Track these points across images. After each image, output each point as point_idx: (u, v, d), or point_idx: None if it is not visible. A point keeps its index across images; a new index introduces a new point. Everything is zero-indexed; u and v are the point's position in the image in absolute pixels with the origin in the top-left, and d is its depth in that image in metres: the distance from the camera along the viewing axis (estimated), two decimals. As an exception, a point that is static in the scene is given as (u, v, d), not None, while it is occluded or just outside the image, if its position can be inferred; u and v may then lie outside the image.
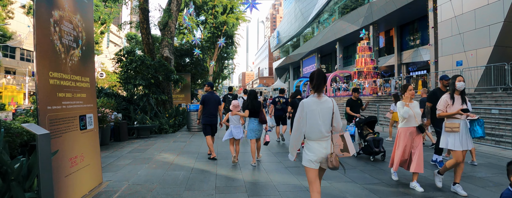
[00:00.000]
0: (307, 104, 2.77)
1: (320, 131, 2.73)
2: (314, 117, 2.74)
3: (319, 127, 2.73)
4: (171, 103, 13.22)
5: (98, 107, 7.88)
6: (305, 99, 2.83)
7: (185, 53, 23.11)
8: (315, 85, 2.79)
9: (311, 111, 2.75)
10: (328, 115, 2.75)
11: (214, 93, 6.52)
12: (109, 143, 8.30)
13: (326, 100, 2.78)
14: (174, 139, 8.85)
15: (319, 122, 2.73)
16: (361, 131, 6.54)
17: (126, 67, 10.30)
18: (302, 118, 2.78)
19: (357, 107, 7.30)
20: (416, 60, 24.25)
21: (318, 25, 40.13)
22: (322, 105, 2.76)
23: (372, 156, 6.21)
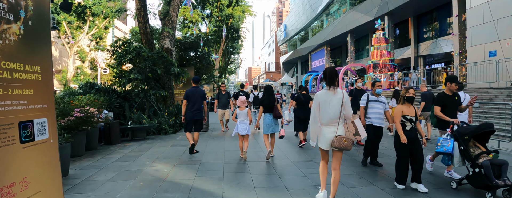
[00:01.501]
0: (320, 96, 3.34)
1: (330, 118, 3.29)
2: (325, 106, 3.30)
3: (328, 114, 3.29)
4: (172, 100, 11.98)
5: (82, 105, 6.67)
6: (319, 91, 3.40)
7: (189, 47, 21.90)
8: (328, 81, 3.33)
9: (323, 101, 3.32)
10: (338, 104, 3.27)
11: (198, 88, 6.42)
12: (97, 147, 7.11)
13: (338, 92, 3.30)
14: (173, 142, 7.60)
15: (328, 110, 3.29)
16: (465, 148, 4.00)
17: (119, 59, 9.06)
18: (316, 107, 3.35)
19: (453, 106, 4.69)
20: (435, 52, 22.68)
21: (327, 17, 38.50)
22: (334, 96, 3.28)
23: (490, 191, 3.64)
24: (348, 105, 3.29)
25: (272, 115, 5.84)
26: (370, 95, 5.33)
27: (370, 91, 5.47)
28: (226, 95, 9.78)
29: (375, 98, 5.27)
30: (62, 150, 4.71)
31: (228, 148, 6.83)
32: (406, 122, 4.04)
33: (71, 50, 35.79)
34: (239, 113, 5.77)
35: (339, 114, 3.29)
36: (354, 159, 5.68)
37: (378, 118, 5.19)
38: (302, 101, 7.29)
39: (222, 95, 9.75)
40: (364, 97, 5.34)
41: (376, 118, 5.18)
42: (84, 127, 6.36)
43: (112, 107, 8.87)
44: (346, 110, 3.29)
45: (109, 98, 8.96)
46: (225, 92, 9.83)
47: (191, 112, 6.17)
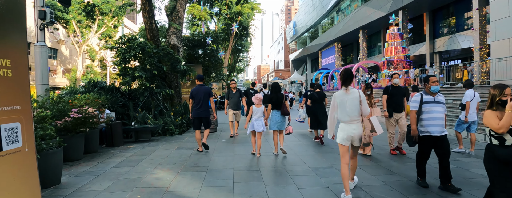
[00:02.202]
0: (337, 96, 3.60)
1: (349, 116, 3.52)
2: (343, 105, 3.54)
3: (347, 112, 3.52)
4: (179, 98, 11.48)
5: (81, 105, 6.19)
6: (336, 92, 3.65)
7: (197, 44, 21.45)
8: (343, 81, 3.59)
9: (340, 100, 3.57)
10: (355, 103, 3.51)
11: (202, 86, 6.37)
12: (98, 150, 6.63)
13: (353, 91, 3.55)
14: (179, 144, 7.06)
15: (346, 109, 3.52)
16: None
17: (123, 56, 8.57)
18: (334, 106, 3.63)
19: None
20: (452, 48, 21.72)
21: (338, 14, 37.59)
22: (350, 96, 3.52)
23: None
24: (365, 103, 3.55)
25: (280, 112, 5.90)
26: (424, 95, 4.02)
27: (423, 91, 4.12)
28: (237, 93, 8.36)
29: (432, 98, 3.97)
30: (53, 156, 4.21)
31: (238, 151, 6.25)
32: (505, 135, 2.71)
33: (80, 49, 35.76)
34: (255, 110, 5.83)
35: (358, 112, 3.52)
36: (383, 166, 5.05)
37: (438, 125, 3.88)
38: (317, 98, 7.46)
39: (233, 94, 8.33)
40: (416, 99, 4.03)
41: (436, 125, 3.87)
42: (82, 129, 5.87)
43: (115, 106, 8.39)
44: (363, 108, 3.54)
45: (112, 97, 8.49)
46: (236, 91, 8.40)
47: (196, 110, 6.19)
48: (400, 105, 5.83)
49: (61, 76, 40.61)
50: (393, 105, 5.83)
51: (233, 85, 8.51)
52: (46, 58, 6.96)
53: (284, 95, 6.03)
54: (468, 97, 5.74)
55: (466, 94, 5.83)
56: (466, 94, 5.83)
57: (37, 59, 6.83)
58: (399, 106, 5.83)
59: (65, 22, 33.55)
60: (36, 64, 6.86)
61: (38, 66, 6.82)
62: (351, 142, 3.58)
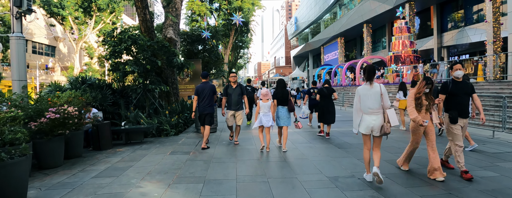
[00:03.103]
0: (361, 90, 3.95)
1: (370, 108, 3.87)
2: (366, 98, 3.89)
3: (368, 105, 3.87)
4: (176, 95, 10.68)
5: (62, 103, 5.40)
6: (359, 86, 4.01)
7: (196, 40, 20.64)
8: (366, 77, 3.93)
9: (363, 94, 3.91)
10: (376, 97, 3.85)
11: (207, 83, 6.45)
12: (82, 154, 5.85)
13: (376, 86, 3.89)
14: (173, 148, 6.25)
15: (368, 102, 3.87)
16: None
17: (113, 49, 7.76)
18: (357, 101, 3.98)
19: None
20: (461, 42, 20.86)
21: (341, 8, 36.65)
22: (372, 90, 3.87)
23: None
24: (386, 96, 3.87)
25: (285, 108, 5.95)
26: None
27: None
28: (238, 89, 6.58)
29: None
30: (14, 168, 3.41)
31: (241, 156, 5.46)
32: None
33: (77, 45, 34.95)
34: (262, 105, 5.81)
35: (379, 105, 3.85)
36: (416, 176, 4.26)
37: None
38: (325, 93, 7.58)
39: (233, 89, 6.57)
40: None
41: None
42: (61, 131, 5.09)
43: (105, 104, 7.59)
44: (384, 101, 3.87)
45: (101, 94, 7.69)
46: (237, 86, 6.62)
47: (201, 107, 6.29)
48: (466, 107, 4.31)
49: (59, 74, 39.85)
50: (457, 106, 4.26)
51: (233, 79, 6.65)
52: (23, 51, 6.17)
53: (289, 92, 6.09)
54: None
55: None
56: None
57: (13, 52, 6.04)
58: (465, 108, 4.28)
59: (61, 18, 32.75)
60: (11, 57, 6.06)
61: (14, 60, 6.02)
62: (371, 131, 3.91)
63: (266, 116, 5.78)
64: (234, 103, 6.54)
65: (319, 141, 6.86)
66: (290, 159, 5.13)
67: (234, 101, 6.54)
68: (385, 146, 6.15)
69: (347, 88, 23.68)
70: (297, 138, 7.26)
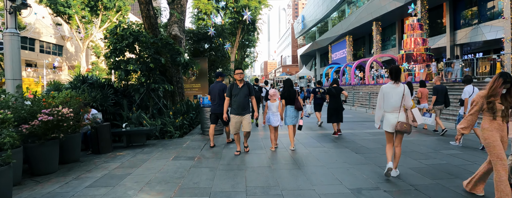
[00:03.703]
0: (385, 88, 4.11)
1: (393, 106, 4.05)
2: (389, 97, 4.06)
3: (391, 103, 4.05)
4: (181, 95, 10.25)
5: (57, 104, 4.99)
6: (384, 85, 4.16)
7: (203, 38, 20.25)
8: (393, 76, 4.07)
9: (387, 93, 4.08)
10: (399, 96, 4.00)
11: (219, 83, 6.45)
12: (79, 159, 5.44)
13: (400, 86, 4.03)
14: (177, 152, 5.81)
15: (391, 100, 4.05)
16: None
17: (114, 46, 7.35)
18: (381, 98, 4.15)
19: None
20: (475, 40, 20.14)
21: (349, 6, 35.93)
22: (396, 90, 4.02)
23: None
24: (408, 96, 4.00)
25: (293, 107, 5.96)
26: None
27: None
28: (245, 89, 5.50)
29: None
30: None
31: (251, 162, 4.98)
32: None
33: (83, 44, 34.84)
34: (270, 105, 5.86)
35: (400, 104, 4.00)
36: (448, 187, 3.76)
37: None
38: (334, 93, 7.65)
39: (239, 89, 5.48)
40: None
41: None
42: (55, 135, 4.69)
43: (105, 105, 7.19)
44: (406, 101, 4.01)
45: (102, 94, 7.30)
46: (244, 85, 5.54)
47: (212, 106, 6.38)
48: None
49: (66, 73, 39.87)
50: None
51: (239, 77, 5.55)
52: (18, 48, 5.78)
53: (296, 91, 6.09)
54: (467, 94, 5.93)
55: (464, 90, 5.98)
56: (464, 90, 5.98)
57: (7, 49, 5.65)
58: None
59: (67, 17, 32.65)
60: (5, 55, 5.68)
61: (7, 57, 5.64)
62: (394, 129, 4.05)
63: (275, 115, 5.81)
64: (240, 105, 5.46)
65: (333, 145, 6.37)
66: (305, 166, 4.65)
67: (240, 103, 5.46)
68: (407, 150, 5.64)
69: (356, 88, 23.06)
70: (310, 141, 6.78)
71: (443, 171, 4.39)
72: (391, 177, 4.05)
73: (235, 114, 5.49)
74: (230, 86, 5.60)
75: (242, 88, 5.50)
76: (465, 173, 4.29)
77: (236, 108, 5.48)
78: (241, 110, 5.46)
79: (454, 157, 5.22)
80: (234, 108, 5.52)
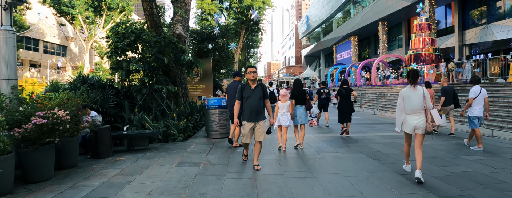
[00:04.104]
0: (404, 92, 4.19)
1: (413, 109, 4.11)
2: (409, 99, 4.13)
3: (412, 106, 4.11)
4: (185, 96, 9.92)
5: (54, 106, 4.67)
6: (403, 88, 4.26)
7: (207, 38, 19.95)
8: (411, 80, 4.13)
9: (407, 96, 4.16)
10: (419, 98, 4.07)
11: (236, 82, 6.33)
12: (77, 164, 5.12)
13: (419, 88, 4.11)
14: (181, 157, 5.45)
15: (411, 103, 4.11)
16: None
17: (115, 45, 7.03)
18: (401, 101, 4.23)
19: None
20: (485, 40, 19.67)
21: (355, 6, 35.48)
22: (415, 92, 4.09)
23: None
24: (428, 98, 4.10)
25: (303, 107, 6.10)
26: None
27: None
28: (259, 91, 4.64)
29: None
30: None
31: (261, 169, 4.61)
32: None
33: (87, 45, 34.69)
34: (281, 106, 5.93)
35: (421, 106, 4.09)
36: None
37: None
38: (344, 94, 7.69)
39: (250, 91, 4.61)
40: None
41: None
42: (50, 139, 4.36)
43: (106, 106, 6.86)
44: (427, 103, 4.10)
45: (104, 95, 6.98)
46: (257, 86, 4.66)
47: (229, 106, 6.29)
48: None
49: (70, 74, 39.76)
50: None
51: (252, 76, 4.64)
52: (13, 46, 5.47)
53: (306, 91, 6.18)
54: (473, 94, 5.96)
55: (471, 90, 6.02)
56: (471, 90, 6.02)
57: (2, 47, 5.34)
58: None
59: (71, 17, 32.51)
60: (0, 53, 5.37)
61: (2, 56, 5.32)
62: (414, 130, 4.14)
63: (284, 115, 5.90)
64: (253, 110, 4.57)
65: (347, 149, 5.99)
66: (319, 174, 4.27)
67: (253, 108, 4.56)
68: (427, 156, 5.26)
69: (362, 89, 22.61)
70: (321, 145, 6.40)
71: (470, 180, 4.01)
72: (415, 184, 3.86)
73: (247, 120, 4.61)
74: (241, 87, 4.70)
75: (255, 90, 4.61)
76: (494, 182, 3.91)
77: (249, 113, 4.58)
78: (254, 116, 4.58)
79: (478, 164, 4.83)
80: (246, 113, 4.62)
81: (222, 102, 7.17)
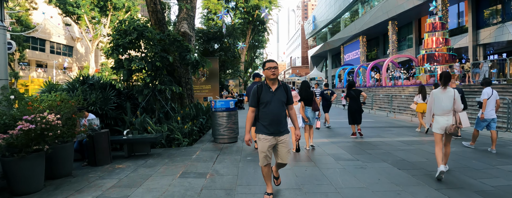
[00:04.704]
0: (435, 93, 4.35)
1: (443, 110, 4.26)
2: (439, 101, 4.29)
3: (442, 107, 4.27)
4: (191, 97, 9.43)
5: (45, 109, 4.20)
6: (434, 89, 4.41)
7: (213, 37, 19.52)
8: (442, 82, 4.26)
9: (437, 97, 4.31)
10: (449, 100, 4.21)
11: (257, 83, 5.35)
12: (72, 173, 4.64)
13: (449, 90, 4.24)
14: (186, 166, 4.93)
15: (442, 104, 4.26)
16: None
17: (116, 42, 6.56)
18: (431, 102, 4.40)
19: None
20: (500, 40, 18.96)
21: (363, 5, 34.78)
22: (446, 94, 4.24)
23: None
24: (459, 100, 4.21)
25: (311, 108, 6.21)
26: None
27: None
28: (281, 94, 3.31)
29: None
30: None
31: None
32: None
33: (92, 45, 34.49)
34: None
35: (450, 107, 4.23)
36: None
37: None
38: (354, 95, 7.70)
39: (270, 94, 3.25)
40: None
41: None
42: (38, 146, 3.88)
43: (106, 108, 6.39)
44: (456, 105, 4.21)
45: (103, 96, 6.51)
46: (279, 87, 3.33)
47: None
48: None
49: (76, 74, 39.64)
50: None
51: (273, 74, 3.27)
52: (4, 43, 5.01)
53: (313, 92, 6.24)
54: (486, 95, 5.97)
55: (483, 92, 6.02)
56: (483, 92, 6.02)
57: (-9, 44, 4.89)
58: None
59: (76, 17, 32.33)
60: (-11, 51, 4.92)
61: (-9, 54, 4.87)
62: (444, 130, 4.27)
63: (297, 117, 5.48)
64: (274, 119, 3.22)
65: (368, 157, 5.42)
66: (343, 188, 3.73)
67: (274, 116, 3.22)
68: (459, 166, 4.69)
69: (372, 90, 21.93)
70: (339, 152, 5.84)
71: None
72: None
73: (266, 133, 3.23)
74: (256, 89, 3.29)
75: (277, 92, 3.26)
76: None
77: (268, 125, 3.22)
78: (276, 127, 3.23)
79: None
80: (264, 125, 3.24)
81: (230, 104, 6.66)
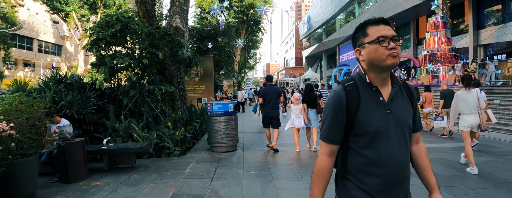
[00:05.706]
0: (459, 94, 4.70)
1: (469, 109, 4.61)
2: (464, 101, 4.64)
3: (468, 107, 4.61)
4: (183, 99, 8.53)
5: None
6: (458, 92, 4.76)
7: (206, 36, 18.70)
8: (465, 83, 4.66)
9: (462, 98, 4.66)
10: (474, 100, 4.59)
11: (272, 86, 6.30)
12: (36, 193, 3.73)
13: (473, 91, 4.64)
14: (177, 184, 3.99)
15: (468, 104, 4.60)
16: None
17: (97, 35, 5.65)
18: (456, 103, 4.73)
19: None
20: (502, 40, 18.55)
21: (359, 5, 34.28)
22: (471, 95, 4.62)
23: None
24: (482, 99, 4.70)
25: (314, 110, 6.22)
26: None
27: None
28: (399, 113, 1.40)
29: None
30: None
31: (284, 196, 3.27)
32: None
33: (81, 43, 33.28)
34: (294, 108, 6.20)
35: (476, 106, 4.61)
36: None
37: None
38: None
39: (380, 112, 1.31)
40: None
41: None
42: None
43: (84, 112, 5.47)
44: (480, 104, 4.64)
45: (82, 98, 5.60)
46: (402, 93, 1.39)
47: (267, 110, 6.23)
48: None
49: (64, 74, 38.27)
50: None
51: (395, 56, 1.26)
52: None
53: (317, 95, 6.23)
54: None
55: None
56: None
57: None
58: None
59: (64, 14, 31.09)
60: None
61: None
62: (470, 128, 4.66)
63: (298, 117, 6.14)
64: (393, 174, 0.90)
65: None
66: None
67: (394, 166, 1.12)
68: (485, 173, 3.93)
69: (371, 91, 21.29)
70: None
71: None
72: None
73: None
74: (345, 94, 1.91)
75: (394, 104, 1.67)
76: None
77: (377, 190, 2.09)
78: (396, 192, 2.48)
79: None
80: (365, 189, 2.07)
81: (228, 107, 5.81)
